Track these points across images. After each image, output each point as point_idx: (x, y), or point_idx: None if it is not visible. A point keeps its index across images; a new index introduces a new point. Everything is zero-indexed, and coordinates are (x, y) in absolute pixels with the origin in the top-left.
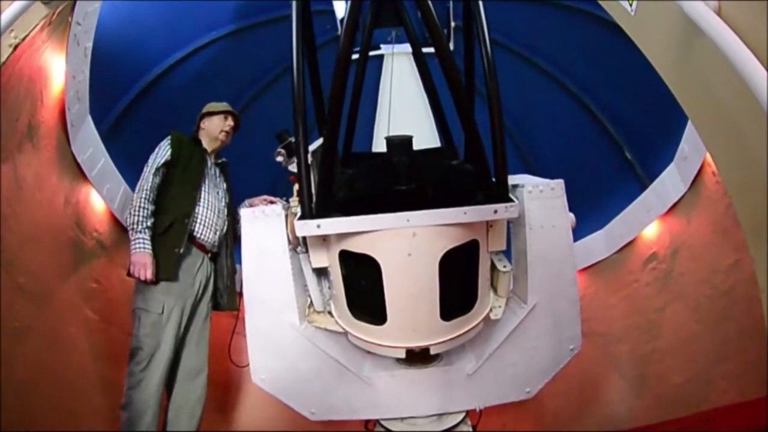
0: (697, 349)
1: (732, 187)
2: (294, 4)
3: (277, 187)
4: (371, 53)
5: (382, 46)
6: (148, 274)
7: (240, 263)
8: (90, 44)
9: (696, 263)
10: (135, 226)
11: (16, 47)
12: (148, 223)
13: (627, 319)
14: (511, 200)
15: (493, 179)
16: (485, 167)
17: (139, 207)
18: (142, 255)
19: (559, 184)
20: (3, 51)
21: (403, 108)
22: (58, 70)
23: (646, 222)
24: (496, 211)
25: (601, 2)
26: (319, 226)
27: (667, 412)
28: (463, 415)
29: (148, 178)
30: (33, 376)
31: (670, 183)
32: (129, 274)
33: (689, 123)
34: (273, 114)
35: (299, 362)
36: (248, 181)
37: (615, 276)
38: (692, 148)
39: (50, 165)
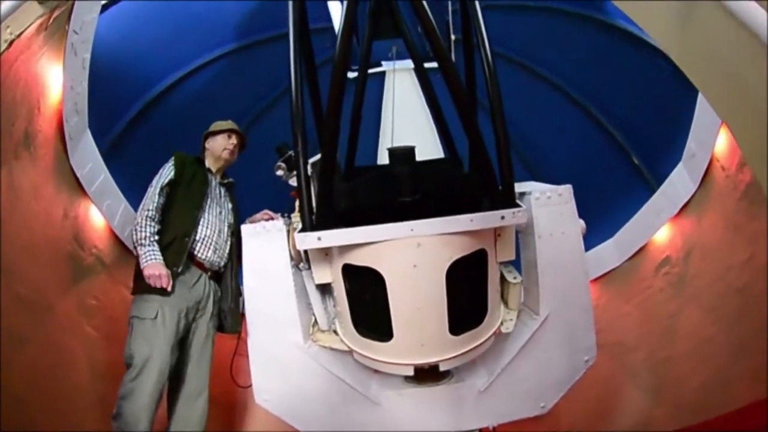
0: (714, 350)
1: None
2: (290, 13)
3: (281, 205)
4: (372, 71)
5: (383, 62)
6: (163, 282)
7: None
8: (88, 55)
9: (709, 263)
10: (143, 241)
11: (11, 43)
12: (156, 238)
13: (641, 327)
14: (518, 206)
15: (499, 186)
16: (491, 173)
17: (145, 224)
18: (155, 266)
19: (567, 189)
20: None
21: (406, 124)
22: (56, 80)
23: (656, 226)
24: (503, 217)
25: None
26: (320, 239)
27: (687, 418)
28: None
29: (152, 197)
30: (30, 389)
31: (679, 183)
32: (134, 293)
33: (695, 120)
34: (277, 132)
35: (304, 382)
36: (252, 199)
37: (627, 284)
38: (699, 145)
39: (47, 176)
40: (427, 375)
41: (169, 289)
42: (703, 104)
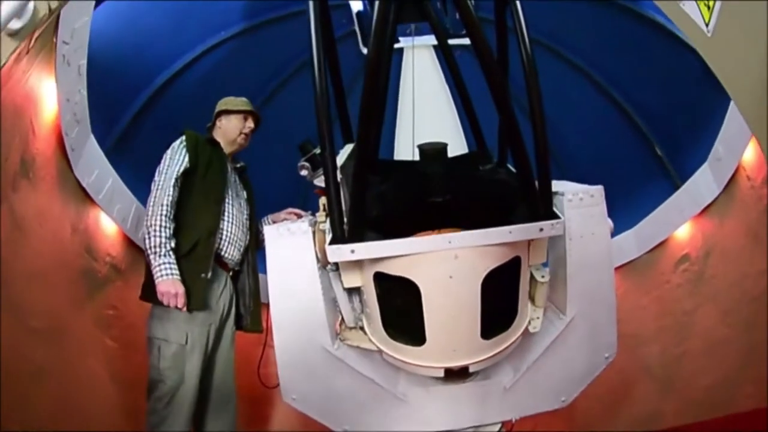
0: (725, 352)
1: None
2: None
3: (296, 194)
4: None
5: (401, 39)
6: (179, 302)
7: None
8: (84, 62)
9: (728, 266)
10: (158, 249)
11: None
12: (172, 244)
13: (657, 321)
14: (557, 216)
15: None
16: (529, 177)
17: (160, 226)
18: (171, 283)
19: (598, 190)
20: None
21: (426, 103)
22: (49, 96)
23: (678, 223)
24: (542, 229)
25: (670, 16)
26: (353, 251)
27: (695, 414)
28: (498, 426)
29: (166, 189)
30: (54, 416)
31: (703, 184)
32: (143, 298)
33: (725, 125)
34: (289, 115)
35: (332, 383)
36: (265, 187)
37: (646, 276)
38: (727, 150)
39: (51, 196)
40: (454, 373)
41: (185, 309)
42: (735, 111)
